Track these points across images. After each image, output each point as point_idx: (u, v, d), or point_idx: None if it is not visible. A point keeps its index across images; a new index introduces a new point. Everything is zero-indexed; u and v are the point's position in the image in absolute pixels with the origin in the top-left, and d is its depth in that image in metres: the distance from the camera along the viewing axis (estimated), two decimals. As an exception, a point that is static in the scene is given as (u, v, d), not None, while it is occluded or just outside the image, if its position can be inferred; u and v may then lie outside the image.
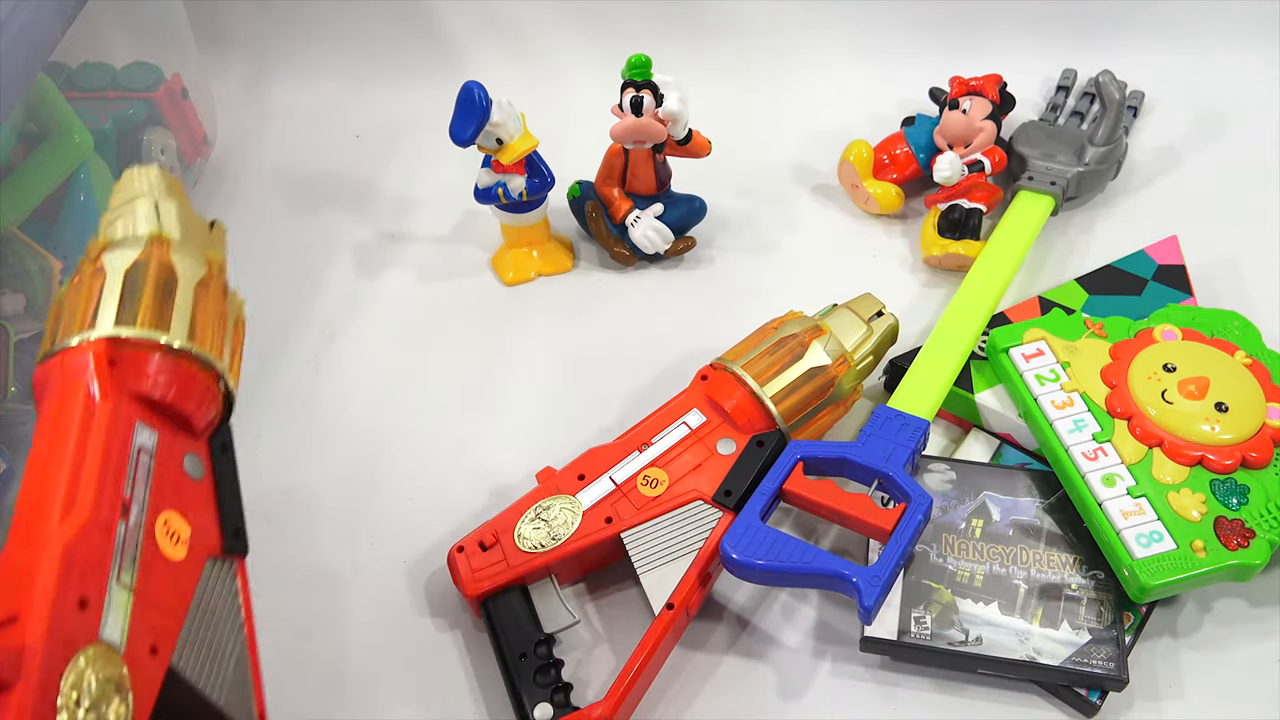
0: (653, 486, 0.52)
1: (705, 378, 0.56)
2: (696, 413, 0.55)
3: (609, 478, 0.53)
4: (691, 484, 0.52)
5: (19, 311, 0.60)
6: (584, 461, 0.54)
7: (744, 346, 0.57)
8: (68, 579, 0.31)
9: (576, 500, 0.52)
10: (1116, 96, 0.68)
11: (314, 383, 0.65)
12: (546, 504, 0.52)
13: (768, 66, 0.82)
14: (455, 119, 0.61)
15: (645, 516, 0.51)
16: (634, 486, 0.52)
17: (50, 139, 0.61)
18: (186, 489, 0.37)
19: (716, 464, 0.53)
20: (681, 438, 0.54)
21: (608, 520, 0.51)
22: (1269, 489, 0.49)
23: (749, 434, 0.53)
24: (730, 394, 0.54)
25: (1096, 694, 0.47)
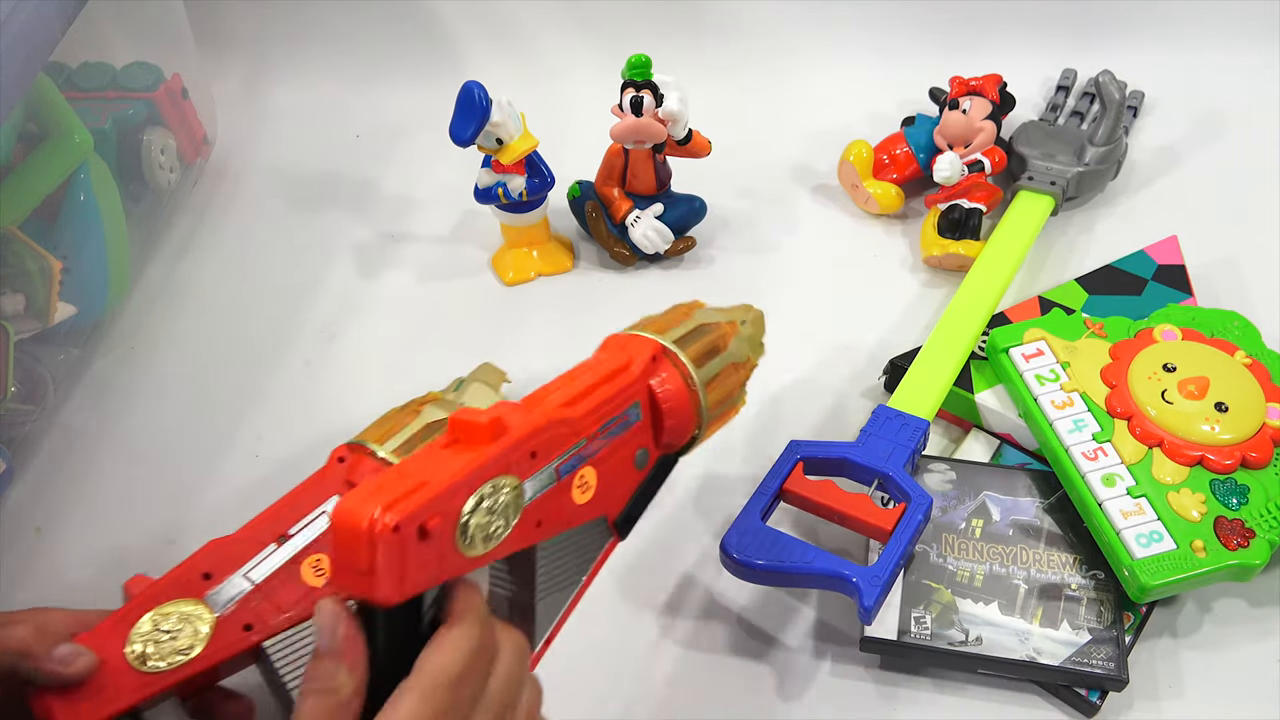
0: (584, 491, 0.44)
1: (656, 359, 0.47)
2: (637, 405, 0.46)
3: (553, 469, 0.43)
4: (603, 498, 0.45)
5: (19, 311, 0.60)
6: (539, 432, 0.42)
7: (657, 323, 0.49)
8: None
9: (521, 488, 0.42)
10: (1116, 96, 0.68)
11: (314, 382, 0.65)
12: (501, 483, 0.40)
13: (768, 66, 0.82)
14: (455, 119, 0.61)
15: (564, 527, 0.44)
16: (569, 487, 0.43)
17: (50, 139, 0.61)
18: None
19: (627, 478, 0.46)
20: (618, 436, 0.45)
21: (538, 524, 0.42)
22: (1269, 489, 0.49)
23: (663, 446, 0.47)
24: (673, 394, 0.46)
25: (1096, 694, 0.47)
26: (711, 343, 0.48)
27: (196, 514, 0.58)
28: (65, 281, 0.61)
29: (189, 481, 0.60)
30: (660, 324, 0.49)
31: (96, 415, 0.63)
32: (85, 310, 0.64)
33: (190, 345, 0.67)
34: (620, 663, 0.51)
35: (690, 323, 0.49)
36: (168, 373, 0.66)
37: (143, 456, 0.61)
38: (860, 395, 0.62)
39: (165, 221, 0.74)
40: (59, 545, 0.57)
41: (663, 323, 0.49)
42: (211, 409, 0.63)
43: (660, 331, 0.48)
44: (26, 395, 0.61)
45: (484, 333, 0.67)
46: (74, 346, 0.65)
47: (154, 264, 0.72)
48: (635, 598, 0.53)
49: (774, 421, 0.59)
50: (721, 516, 0.56)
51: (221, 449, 0.61)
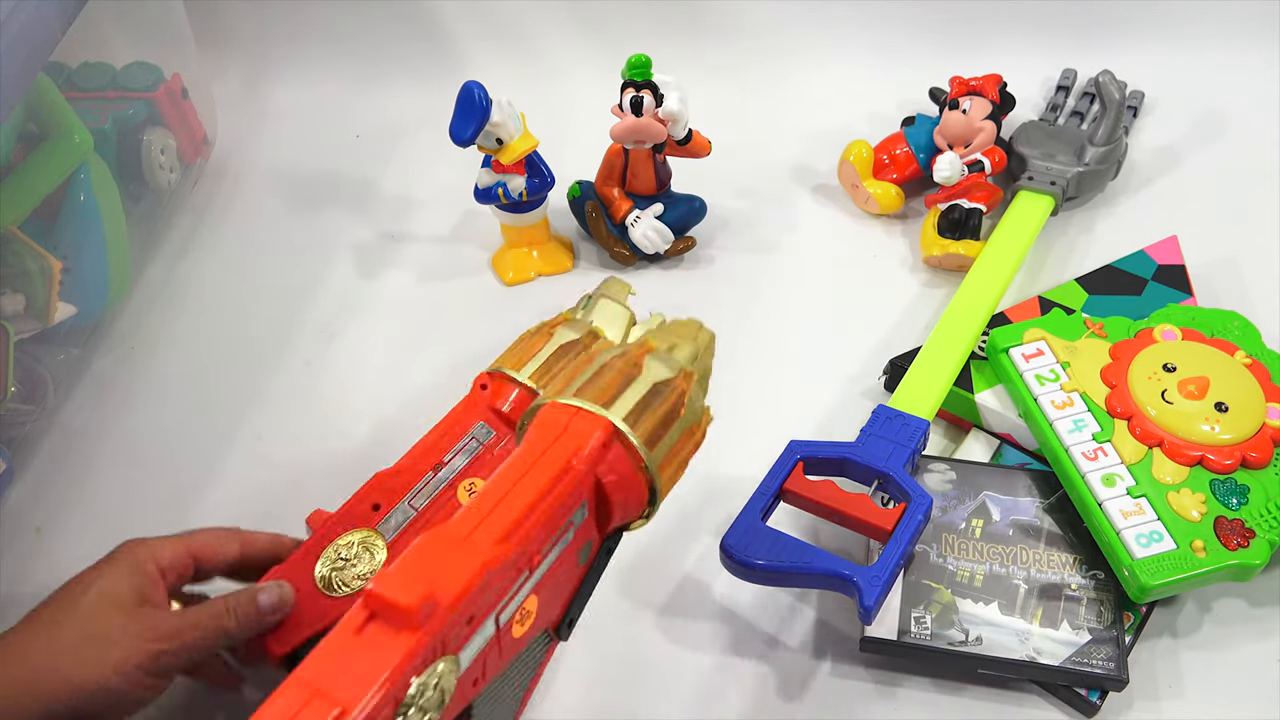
0: (522, 623, 0.38)
1: (607, 446, 0.40)
2: (584, 508, 0.40)
3: (494, 616, 0.37)
4: (547, 612, 0.40)
5: (19, 311, 0.60)
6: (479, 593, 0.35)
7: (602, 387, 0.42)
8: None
9: (457, 663, 0.35)
10: (1116, 96, 0.68)
11: (314, 382, 0.65)
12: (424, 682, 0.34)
13: (768, 67, 0.82)
14: (455, 119, 0.61)
15: (504, 665, 0.39)
16: (509, 626, 0.38)
17: (50, 139, 0.61)
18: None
19: (570, 579, 0.42)
20: (564, 549, 0.40)
21: (474, 682, 0.37)
22: (1269, 489, 0.49)
23: (608, 529, 0.42)
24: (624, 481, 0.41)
25: (1096, 694, 0.47)
26: (667, 412, 0.41)
27: (196, 514, 0.58)
28: (65, 281, 0.61)
29: (189, 481, 0.60)
30: (606, 386, 0.41)
31: (96, 415, 0.63)
32: (85, 310, 0.64)
33: (190, 345, 0.67)
34: (621, 663, 0.51)
35: (642, 384, 0.42)
36: (168, 373, 0.66)
37: (143, 456, 0.61)
38: (860, 395, 0.62)
39: (165, 221, 0.74)
40: (59, 545, 0.57)
41: (608, 383, 0.41)
42: (211, 409, 0.63)
43: (607, 401, 0.40)
44: (26, 395, 0.61)
45: (484, 333, 0.67)
46: (74, 346, 0.65)
47: (154, 264, 0.72)
48: (635, 598, 0.53)
49: (774, 421, 0.59)
50: (721, 516, 0.56)
51: (221, 449, 0.61)
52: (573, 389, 0.42)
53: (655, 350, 0.44)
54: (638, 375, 0.42)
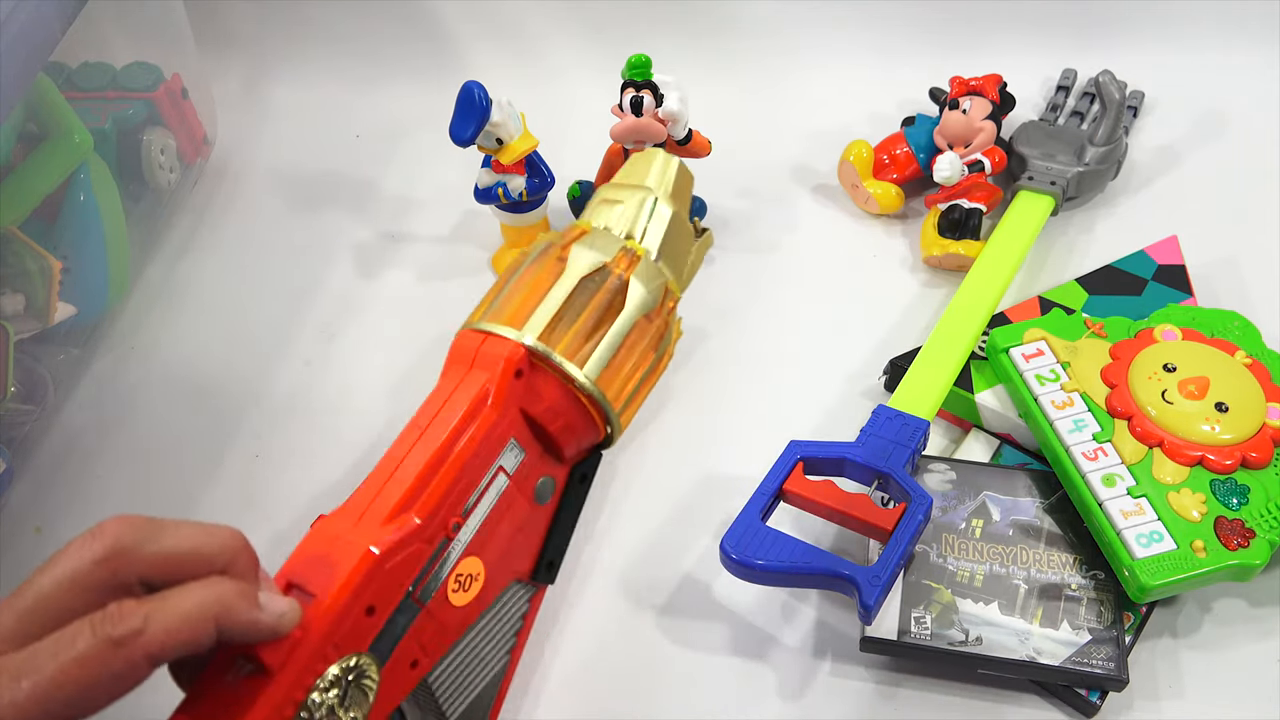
0: (466, 588, 0.35)
1: (521, 373, 0.35)
2: (515, 445, 0.35)
3: (410, 599, 0.33)
4: (509, 564, 0.36)
5: (19, 311, 0.60)
6: (370, 580, 0.32)
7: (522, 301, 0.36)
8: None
9: (369, 658, 0.32)
10: (1116, 96, 0.68)
11: (314, 382, 0.65)
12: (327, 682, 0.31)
13: (768, 66, 0.82)
14: (455, 119, 0.61)
15: (455, 636, 0.35)
16: (444, 597, 0.34)
17: (50, 139, 0.61)
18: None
19: (533, 522, 0.37)
20: (499, 499, 0.35)
21: (413, 664, 0.34)
22: (1269, 489, 0.49)
23: (572, 459, 0.38)
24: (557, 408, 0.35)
25: (1096, 694, 0.47)
26: (597, 312, 0.35)
27: (196, 514, 0.58)
28: (65, 281, 0.61)
29: (189, 481, 0.60)
30: (523, 296, 0.35)
31: (96, 415, 0.64)
32: (85, 310, 0.64)
33: (190, 345, 0.67)
34: (620, 663, 0.51)
35: (564, 284, 0.34)
36: (168, 373, 0.66)
37: (143, 456, 0.61)
38: (860, 395, 0.62)
39: (165, 221, 0.74)
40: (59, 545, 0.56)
41: (525, 292, 0.35)
42: (211, 409, 0.63)
43: (521, 317, 0.34)
44: (26, 395, 0.61)
45: (484, 333, 0.67)
46: (74, 346, 0.65)
47: (154, 264, 0.72)
48: (635, 598, 0.53)
49: (774, 421, 0.59)
50: (721, 516, 0.56)
51: (221, 449, 0.61)
52: (491, 307, 0.35)
53: (590, 231, 0.36)
54: (561, 272, 0.35)
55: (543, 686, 0.50)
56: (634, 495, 0.57)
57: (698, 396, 0.62)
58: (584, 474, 0.38)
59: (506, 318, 0.35)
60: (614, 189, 0.39)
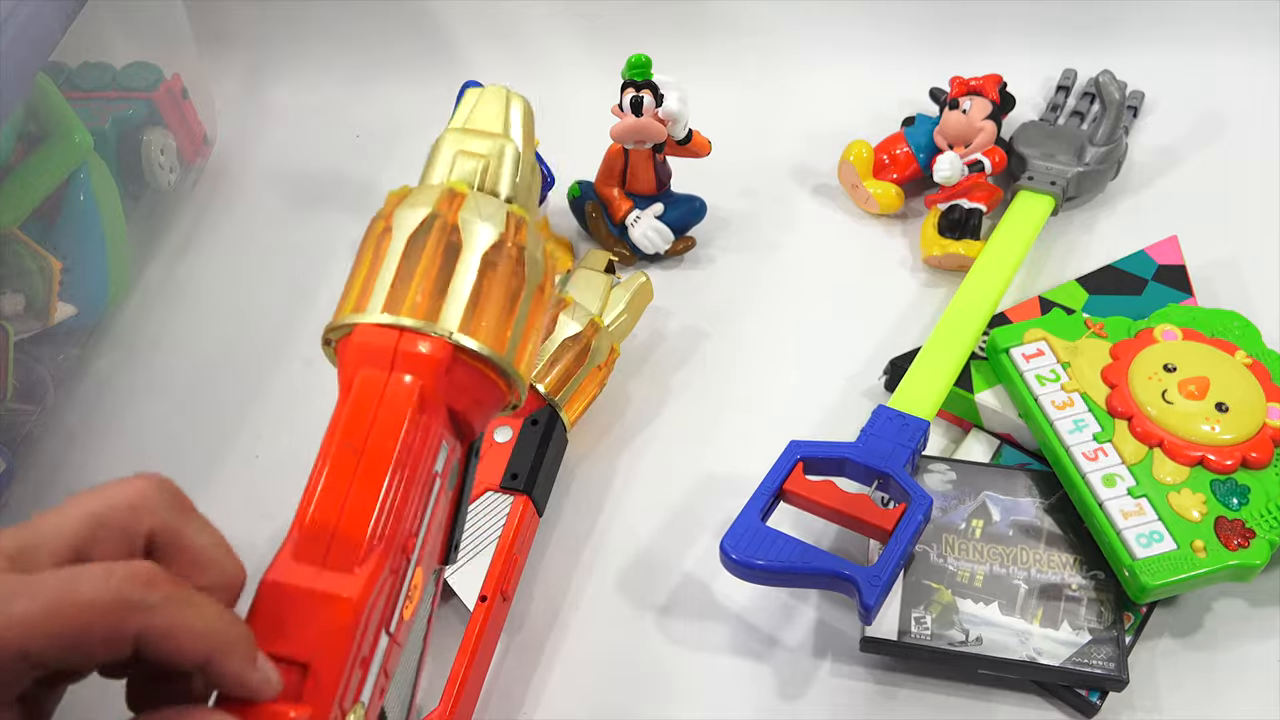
0: (413, 600, 0.34)
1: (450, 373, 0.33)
2: (444, 448, 0.34)
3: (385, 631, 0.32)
4: (432, 561, 0.35)
5: (19, 311, 0.60)
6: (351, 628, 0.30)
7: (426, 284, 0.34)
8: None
9: (361, 705, 0.30)
10: (1116, 96, 0.68)
11: (314, 383, 0.65)
12: None
13: (768, 66, 0.82)
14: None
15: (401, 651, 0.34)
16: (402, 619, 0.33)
17: (50, 139, 0.61)
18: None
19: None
20: (436, 503, 0.34)
21: (382, 692, 0.33)
22: (1269, 489, 0.49)
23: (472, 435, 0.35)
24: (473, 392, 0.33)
25: (1096, 694, 0.47)
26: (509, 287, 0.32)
27: (196, 514, 0.58)
28: (65, 281, 0.61)
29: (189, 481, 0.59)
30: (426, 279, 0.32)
31: (96, 415, 0.63)
32: (85, 310, 0.64)
33: (190, 345, 0.67)
34: (620, 663, 0.51)
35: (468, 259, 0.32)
36: (168, 373, 0.66)
37: (143, 456, 0.61)
38: (860, 395, 0.62)
39: (165, 221, 0.74)
40: (59, 545, 0.57)
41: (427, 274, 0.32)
42: (211, 409, 0.63)
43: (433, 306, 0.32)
44: (26, 395, 0.61)
45: (484, 333, 0.67)
46: (74, 346, 0.65)
47: (154, 264, 0.72)
48: (635, 598, 0.53)
49: (774, 421, 0.59)
50: (721, 516, 0.56)
51: (221, 449, 0.61)
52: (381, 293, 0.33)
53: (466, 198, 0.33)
54: (460, 245, 0.32)
55: (543, 686, 0.50)
56: (634, 495, 0.57)
57: (697, 397, 0.62)
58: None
59: (416, 308, 0.32)
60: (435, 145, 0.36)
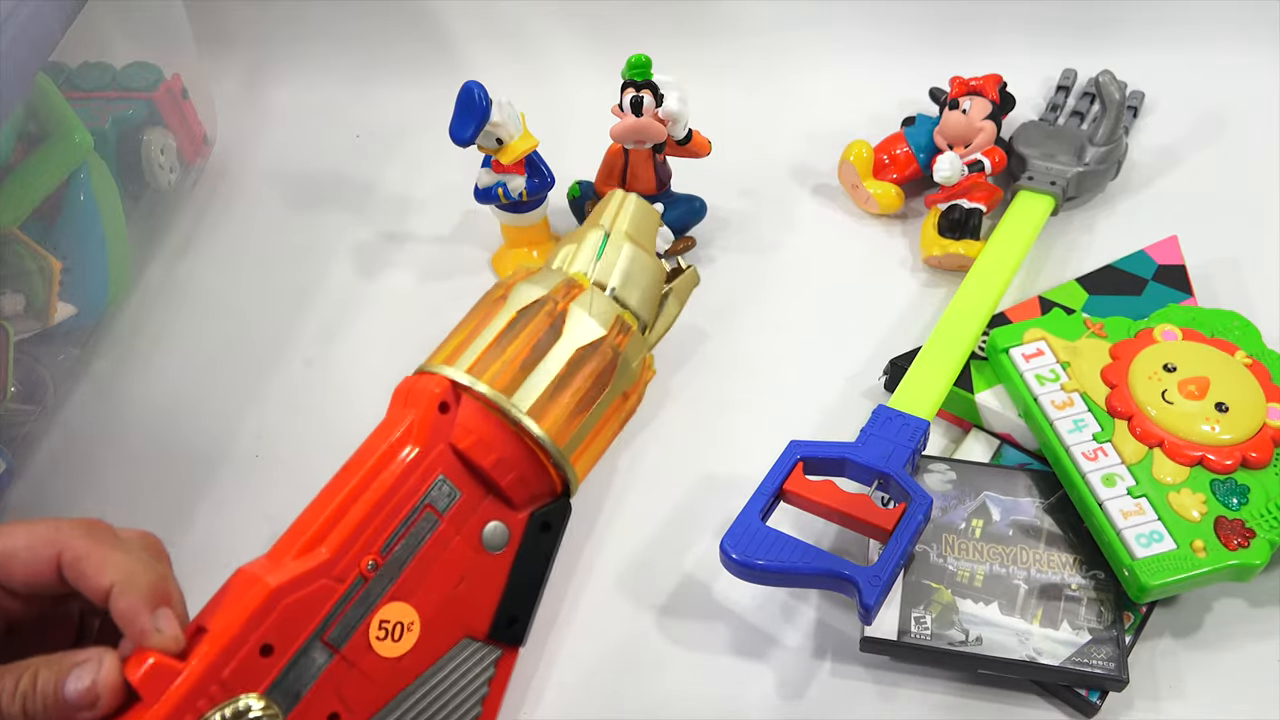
0: (396, 638, 0.33)
1: (446, 407, 0.35)
2: (445, 482, 0.34)
3: (319, 639, 0.31)
4: (455, 614, 0.34)
5: (19, 311, 0.60)
6: (261, 613, 0.31)
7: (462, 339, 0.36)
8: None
9: (265, 702, 0.30)
10: (1116, 96, 0.68)
11: (314, 383, 0.65)
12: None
13: (768, 66, 0.82)
14: (455, 119, 0.61)
15: (390, 693, 0.33)
16: (366, 645, 0.32)
17: (50, 139, 0.61)
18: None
19: (485, 572, 0.35)
20: (429, 540, 0.33)
21: (331, 718, 0.32)
22: (1269, 489, 0.49)
23: (525, 505, 0.35)
24: (504, 454, 0.34)
25: (1096, 694, 0.47)
26: (533, 342, 0.34)
27: (197, 514, 0.58)
28: (65, 281, 0.61)
29: (189, 481, 0.60)
30: (462, 336, 0.34)
31: (96, 415, 0.63)
32: (85, 310, 0.64)
33: (190, 345, 0.67)
34: (620, 663, 0.51)
35: (500, 319, 0.34)
36: (168, 373, 0.66)
37: (143, 456, 0.61)
38: (860, 395, 0.62)
39: (165, 221, 0.74)
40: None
41: (465, 332, 0.34)
42: (211, 409, 0.63)
43: (458, 353, 0.34)
44: (26, 395, 0.61)
45: (484, 333, 0.67)
46: (74, 346, 0.65)
47: (154, 264, 0.72)
48: (635, 598, 0.53)
49: (774, 421, 0.59)
50: (721, 516, 0.56)
51: (221, 449, 0.61)
52: (471, 356, 0.34)
53: (536, 270, 0.35)
54: (500, 310, 0.34)
55: (543, 686, 0.50)
56: (634, 495, 0.57)
57: (697, 396, 0.62)
58: (546, 522, 0.36)
59: (443, 356, 0.35)
60: (570, 235, 0.38)
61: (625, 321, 0.36)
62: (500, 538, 0.34)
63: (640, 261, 0.37)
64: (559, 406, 0.34)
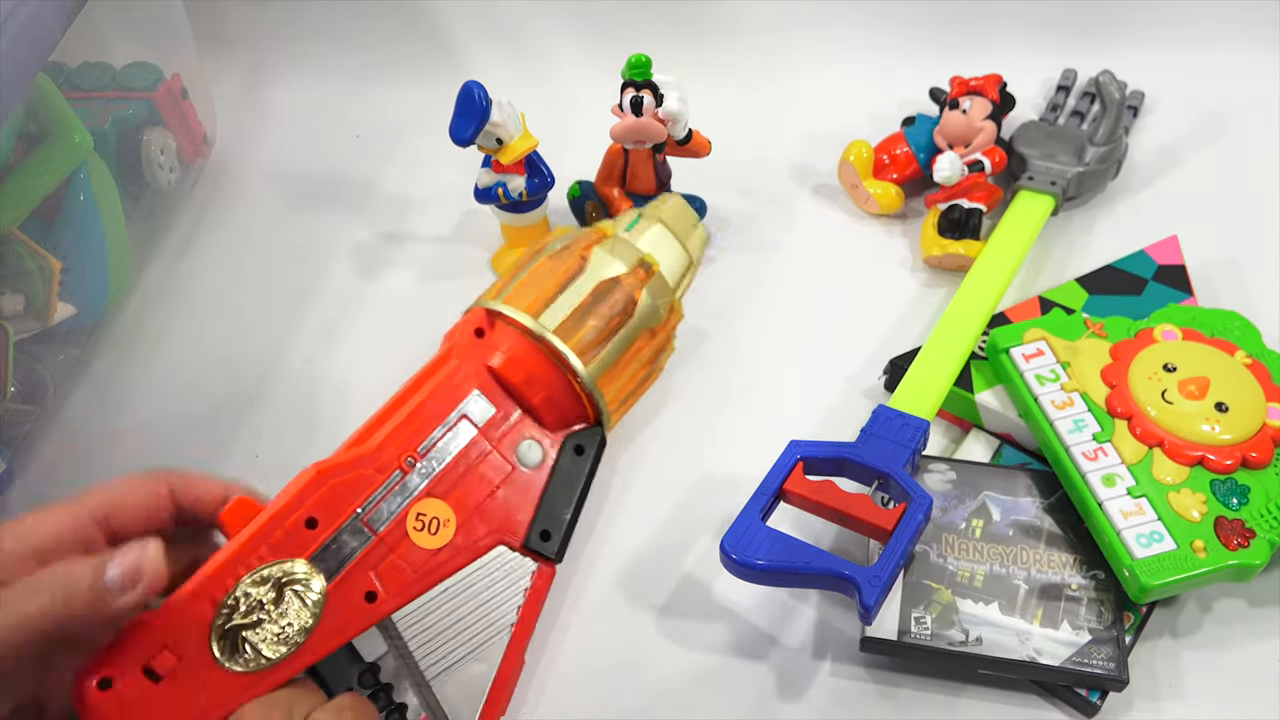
0: (433, 531, 0.36)
1: (481, 333, 0.40)
2: (480, 397, 0.38)
3: (359, 522, 0.35)
4: (490, 520, 0.37)
5: (19, 311, 0.60)
6: (308, 490, 0.35)
7: (541, 285, 0.41)
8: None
9: (309, 567, 0.34)
10: (1116, 96, 0.68)
11: (314, 383, 0.65)
12: (258, 579, 0.33)
13: (768, 66, 0.82)
14: (455, 119, 0.61)
15: (426, 584, 0.36)
16: (403, 533, 0.36)
17: (50, 139, 0.61)
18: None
19: (520, 486, 0.38)
20: (465, 445, 0.37)
21: (369, 596, 0.35)
22: (1269, 489, 0.49)
23: (558, 430, 0.39)
24: (537, 376, 0.38)
25: (1096, 694, 0.47)
26: (564, 276, 0.38)
27: (196, 514, 0.58)
28: (65, 281, 0.61)
29: (189, 481, 0.60)
30: (542, 283, 0.40)
31: (96, 415, 0.64)
32: (85, 310, 0.64)
33: (190, 345, 0.67)
34: (620, 663, 0.51)
35: (538, 259, 0.39)
36: (168, 373, 0.66)
37: (143, 456, 0.61)
38: (860, 395, 0.62)
39: (165, 221, 0.74)
40: (59, 545, 0.57)
41: (547, 280, 0.40)
42: (211, 409, 0.63)
43: (539, 304, 0.39)
44: (26, 395, 0.61)
45: (484, 333, 0.67)
46: (74, 346, 0.65)
47: (154, 264, 0.72)
48: (635, 598, 0.53)
49: (774, 421, 0.59)
50: (721, 516, 0.56)
51: (221, 449, 0.61)
52: (508, 289, 0.41)
53: (611, 236, 0.41)
54: (581, 269, 0.40)
55: (543, 686, 0.50)
56: (634, 495, 0.57)
57: (697, 396, 0.62)
58: (579, 446, 0.39)
59: (525, 304, 0.39)
60: (642, 213, 0.44)
61: (648, 262, 0.41)
62: (535, 456, 0.38)
63: (665, 238, 0.43)
64: (584, 330, 0.38)
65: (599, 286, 0.40)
